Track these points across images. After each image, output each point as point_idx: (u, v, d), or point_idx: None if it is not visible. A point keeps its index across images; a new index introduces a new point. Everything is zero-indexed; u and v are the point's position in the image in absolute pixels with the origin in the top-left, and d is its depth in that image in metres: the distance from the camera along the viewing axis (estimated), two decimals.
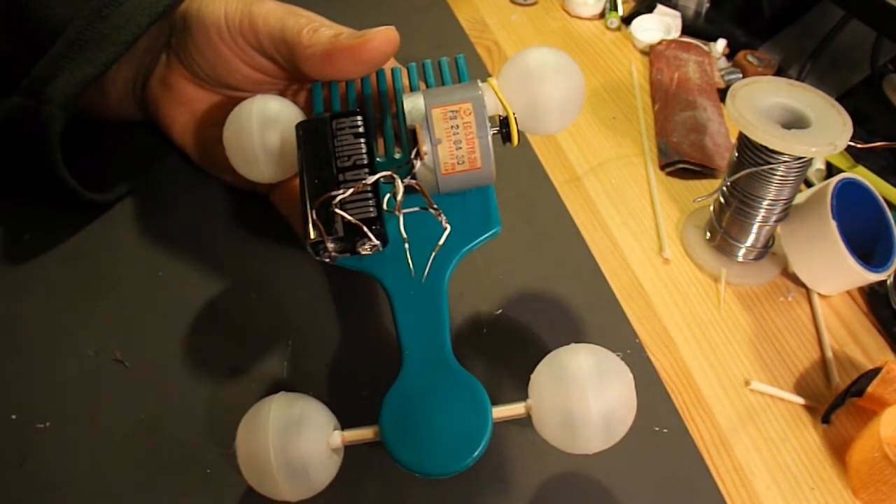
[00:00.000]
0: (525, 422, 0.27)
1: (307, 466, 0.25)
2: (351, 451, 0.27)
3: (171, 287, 0.37)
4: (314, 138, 0.30)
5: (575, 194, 0.47)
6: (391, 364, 0.27)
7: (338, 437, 0.26)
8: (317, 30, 0.34)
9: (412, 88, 0.33)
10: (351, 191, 0.27)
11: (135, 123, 0.43)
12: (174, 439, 0.31)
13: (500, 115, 0.30)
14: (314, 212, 0.27)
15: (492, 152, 0.29)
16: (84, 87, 0.35)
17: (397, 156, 0.31)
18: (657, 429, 0.34)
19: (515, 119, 0.30)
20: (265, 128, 0.32)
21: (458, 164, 0.29)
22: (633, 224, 0.46)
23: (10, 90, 0.36)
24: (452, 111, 0.29)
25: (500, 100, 0.30)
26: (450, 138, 0.28)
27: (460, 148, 0.28)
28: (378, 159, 0.31)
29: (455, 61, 0.33)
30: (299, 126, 0.31)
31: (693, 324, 0.40)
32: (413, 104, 0.29)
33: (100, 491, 0.30)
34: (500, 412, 0.26)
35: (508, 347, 0.36)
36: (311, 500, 0.26)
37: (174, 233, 0.39)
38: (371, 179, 0.28)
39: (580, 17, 0.66)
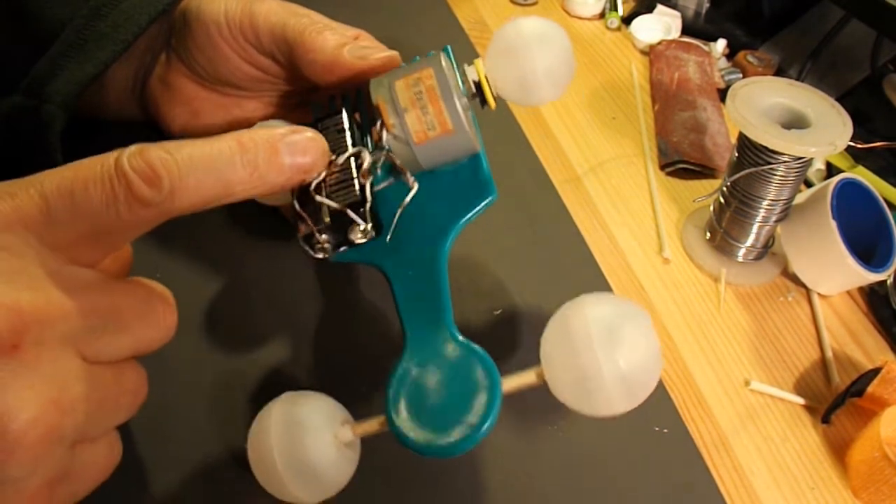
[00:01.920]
0: (525, 422, 0.27)
1: (316, 466, 0.24)
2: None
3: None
4: None
5: (575, 194, 0.47)
6: (397, 357, 0.27)
7: (348, 431, 0.25)
8: (321, 31, 0.34)
9: None
10: (324, 174, 0.27)
11: (135, 123, 0.43)
12: (175, 439, 0.31)
13: (474, 81, 0.30)
14: (297, 203, 0.27)
15: (463, 114, 0.28)
16: (84, 87, 0.35)
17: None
18: (657, 429, 0.34)
19: (487, 80, 0.30)
20: None
21: (429, 129, 0.28)
22: (633, 224, 0.46)
23: (10, 90, 0.36)
24: (415, 79, 0.28)
25: (477, 69, 0.30)
26: (415, 105, 0.28)
27: (427, 113, 0.28)
28: None
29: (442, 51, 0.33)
30: None
31: (693, 324, 0.40)
32: (377, 84, 0.29)
33: (99, 491, 0.30)
34: (511, 382, 0.25)
35: (508, 347, 0.36)
36: None
37: (174, 233, 0.39)
38: (341, 159, 0.28)
39: (580, 17, 0.66)
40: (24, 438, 0.20)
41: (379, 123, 0.28)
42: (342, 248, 0.28)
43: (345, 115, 0.30)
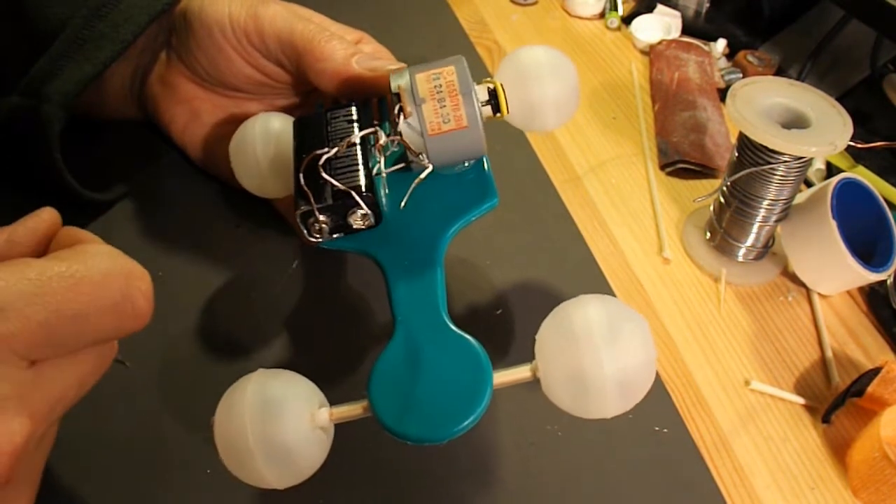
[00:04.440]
0: (525, 422, 0.27)
1: (291, 449, 0.23)
2: (347, 449, 0.27)
3: (170, 287, 0.37)
4: (309, 128, 0.30)
5: (575, 194, 0.47)
6: (381, 346, 0.26)
7: (325, 414, 0.24)
8: (329, 40, 0.34)
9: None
10: (336, 149, 0.27)
11: (133, 123, 0.43)
12: (174, 439, 0.31)
13: (488, 88, 0.30)
14: (303, 176, 0.27)
15: (479, 113, 0.28)
16: (83, 86, 0.35)
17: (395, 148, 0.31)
18: (657, 429, 0.34)
19: (503, 88, 0.30)
20: (268, 143, 0.32)
21: (443, 122, 0.28)
22: (633, 224, 0.46)
23: (9, 89, 0.36)
24: (435, 74, 0.29)
25: (492, 79, 0.31)
26: (433, 97, 0.28)
27: (444, 106, 0.28)
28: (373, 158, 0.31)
29: None
30: (296, 121, 0.31)
31: (693, 324, 0.40)
32: (398, 75, 0.29)
33: (100, 491, 0.30)
34: (504, 376, 0.25)
35: (508, 347, 0.36)
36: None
37: (174, 233, 0.39)
38: (356, 136, 0.28)
39: (580, 17, 0.66)
40: None
41: (397, 109, 0.28)
42: (337, 235, 0.28)
43: (354, 108, 0.31)
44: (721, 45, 0.61)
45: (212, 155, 0.40)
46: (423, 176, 0.28)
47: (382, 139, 0.28)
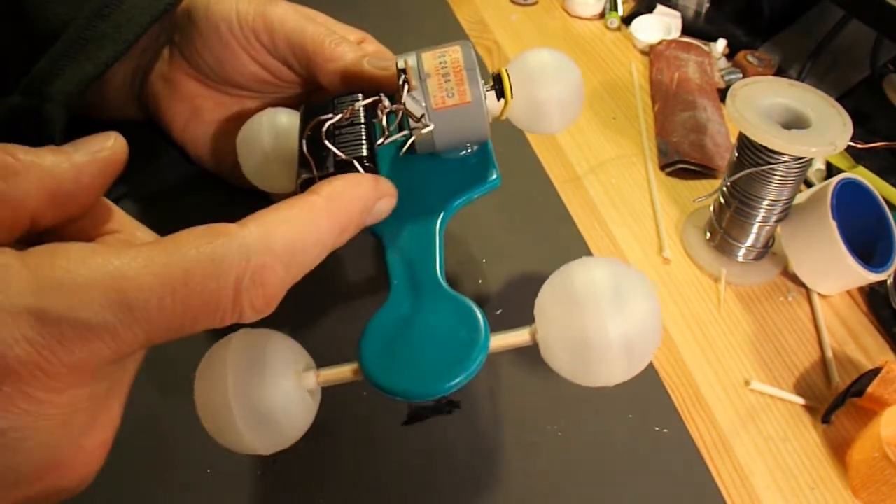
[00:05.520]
0: (525, 422, 0.27)
1: (273, 409, 0.22)
2: (348, 449, 0.27)
3: None
4: (316, 113, 0.30)
5: (575, 194, 0.47)
6: (373, 309, 0.26)
7: (312, 377, 0.24)
8: (339, 43, 0.34)
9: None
10: (339, 115, 0.27)
11: (134, 123, 0.43)
12: (174, 439, 0.31)
13: (493, 74, 0.31)
14: (305, 143, 0.27)
15: (482, 91, 0.28)
16: (85, 86, 0.35)
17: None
18: (657, 429, 0.34)
19: (508, 74, 0.30)
20: (275, 137, 0.33)
21: (447, 97, 0.28)
22: (633, 224, 0.46)
23: (11, 89, 0.36)
24: (441, 52, 0.29)
25: (498, 68, 0.31)
26: (438, 72, 0.29)
27: (449, 81, 0.28)
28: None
29: None
30: (304, 106, 0.31)
31: (693, 324, 0.40)
32: (405, 54, 0.30)
33: (99, 491, 0.30)
34: (501, 340, 0.24)
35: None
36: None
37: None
38: (361, 104, 0.28)
39: (580, 17, 0.66)
40: None
41: (402, 80, 0.28)
42: None
43: (360, 95, 0.31)
44: (721, 45, 0.61)
45: (212, 153, 0.40)
46: (424, 131, 0.28)
47: (387, 103, 0.28)
